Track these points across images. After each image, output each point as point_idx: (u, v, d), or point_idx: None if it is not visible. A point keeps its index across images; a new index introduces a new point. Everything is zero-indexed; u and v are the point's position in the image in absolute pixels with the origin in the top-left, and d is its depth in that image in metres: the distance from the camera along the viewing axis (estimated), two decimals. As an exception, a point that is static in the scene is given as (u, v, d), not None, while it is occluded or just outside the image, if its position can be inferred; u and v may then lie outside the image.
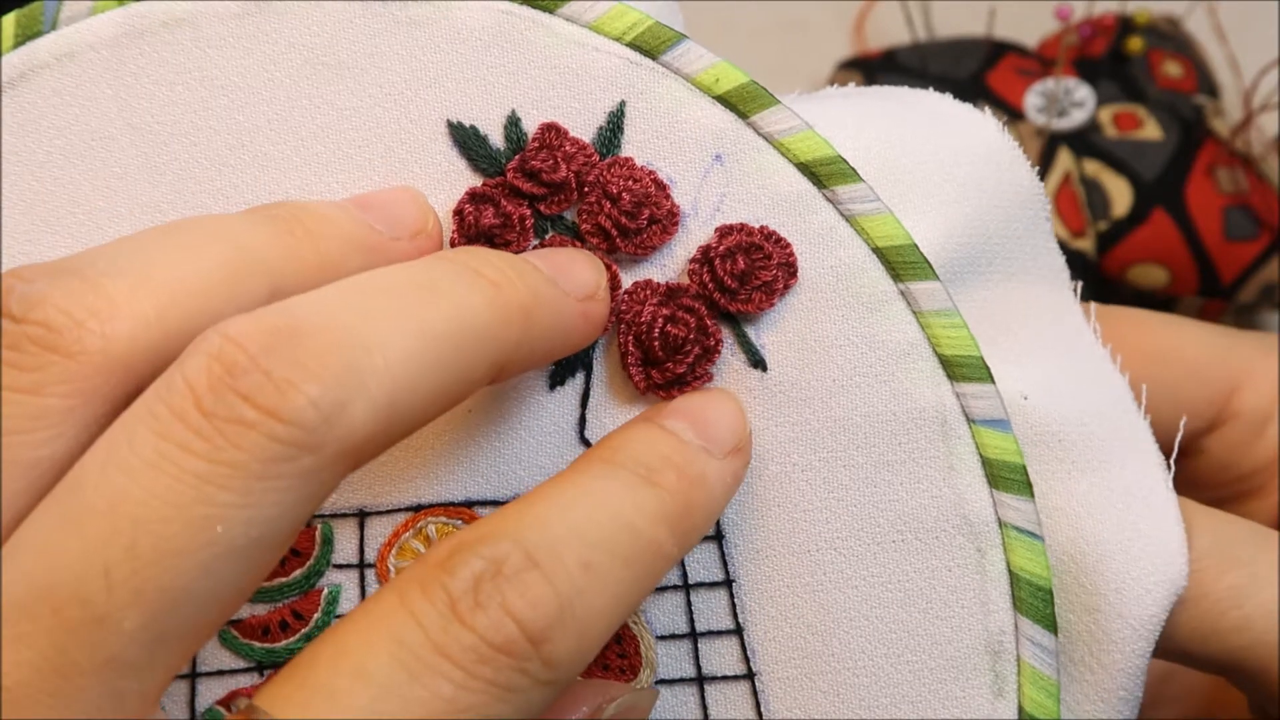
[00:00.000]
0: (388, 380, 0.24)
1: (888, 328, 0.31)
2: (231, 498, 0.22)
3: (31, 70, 0.31)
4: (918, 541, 0.31)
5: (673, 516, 0.27)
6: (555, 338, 0.28)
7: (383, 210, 0.30)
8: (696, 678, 0.32)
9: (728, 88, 0.32)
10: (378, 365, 0.24)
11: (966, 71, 0.66)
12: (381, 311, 0.24)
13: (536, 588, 0.24)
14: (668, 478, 0.27)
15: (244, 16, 0.32)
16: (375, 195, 0.31)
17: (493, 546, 0.24)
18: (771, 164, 0.32)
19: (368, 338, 0.24)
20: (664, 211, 0.32)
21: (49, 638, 0.22)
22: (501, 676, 0.23)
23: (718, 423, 0.30)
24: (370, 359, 0.23)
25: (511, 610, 0.24)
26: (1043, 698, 0.31)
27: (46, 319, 0.24)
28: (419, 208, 0.31)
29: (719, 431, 0.29)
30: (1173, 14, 0.68)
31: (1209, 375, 0.38)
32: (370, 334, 0.24)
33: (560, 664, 0.24)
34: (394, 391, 0.24)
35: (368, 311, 0.24)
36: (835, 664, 0.31)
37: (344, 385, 0.23)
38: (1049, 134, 0.63)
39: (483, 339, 0.26)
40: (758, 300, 0.31)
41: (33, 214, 0.31)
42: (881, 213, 0.32)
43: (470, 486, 0.32)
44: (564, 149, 0.32)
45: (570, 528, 0.25)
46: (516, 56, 0.32)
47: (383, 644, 0.23)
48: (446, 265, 0.27)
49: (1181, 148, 0.65)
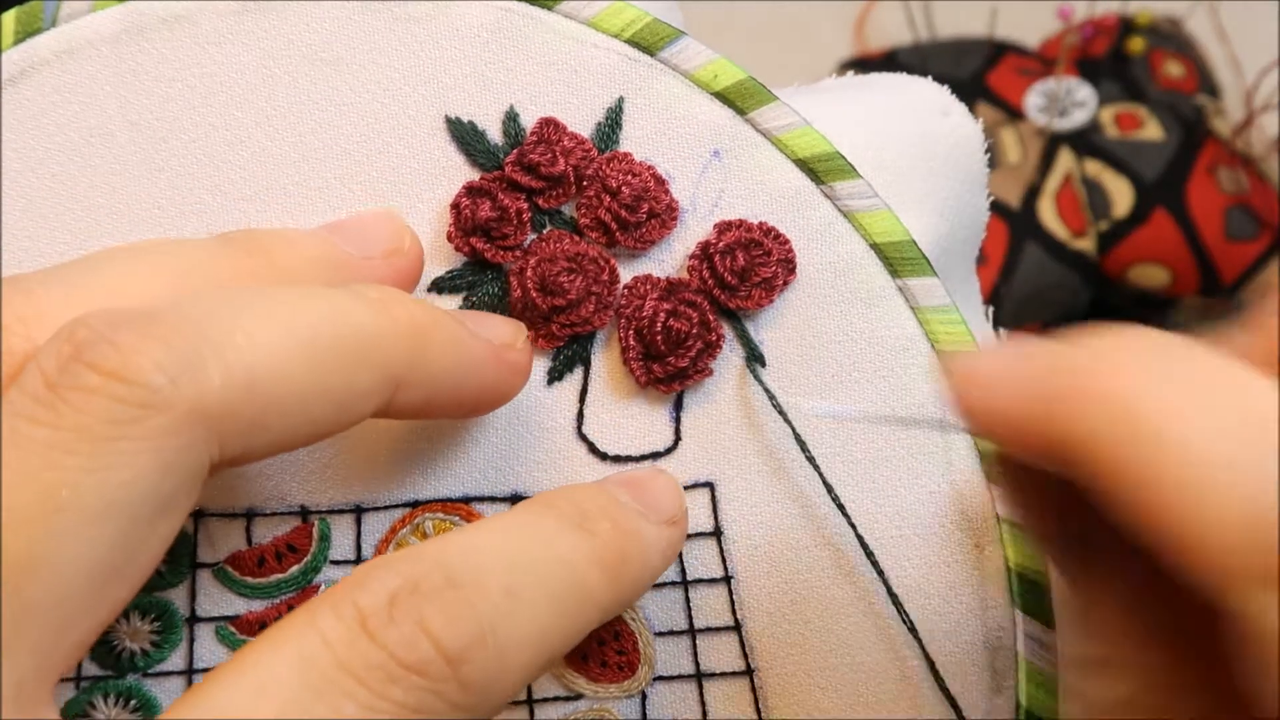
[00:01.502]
0: (247, 355, 0.23)
1: (886, 323, 0.31)
2: (79, 461, 0.22)
3: (32, 67, 0.31)
4: (916, 537, 0.31)
5: (606, 562, 0.26)
6: (460, 369, 0.27)
7: (354, 231, 0.29)
8: (695, 674, 0.32)
9: (726, 84, 0.32)
10: (236, 339, 0.23)
11: (967, 71, 0.66)
12: (251, 304, 0.24)
13: (455, 606, 0.23)
14: (602, 525, 0.26)
15: (243, 13, 0.32)
16: (349, 218, 0.30)
17: (412, 565, 0.23)
18: (769, 160, 0.32)
19: (229, 319, 0.23)
20: (663, 206, 0.32)
21: None
22: (412, 698, 0.22)
23: (655, 492, 0.29)
24: (229, 336, 0.23)
25: (427, 628, 0.23)
26: (1041, 693, 0.31)
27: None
28: (394, 227, 0.30)
29: (656, 500, 0.29)
30: (1174, 14, 0.68)
31: None
32: (233, 317, 0.24)
33: (478, 689, 0.23)
34: (255, 365, 0.23)
35: (236, 303, 0.24)
36: (833, 660, 0.31)
37: (196, 352, 0.23)
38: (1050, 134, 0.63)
39: (363, 340, 0.25)
40: (757, 297, 0.31)
41: (32, 211, 0.31)
42: (879, 209, 0.32)
43: (468, 483, 0.32)
44: (562, 144, 0.32)
45: (497, 554, 0.24)
46: (514, 52, 0.32)
47: (286, 662, 0.22)
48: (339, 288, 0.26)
49: (1182, 148, 0.65)
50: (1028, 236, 0.64)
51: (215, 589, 0.31)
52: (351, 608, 0.23)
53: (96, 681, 0.31)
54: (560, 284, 0.31)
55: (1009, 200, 0.65)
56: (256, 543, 0.31)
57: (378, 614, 0.23)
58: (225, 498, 0.31)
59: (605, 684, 0.31)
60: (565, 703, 0.31)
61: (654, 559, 0.28)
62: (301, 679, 0.22)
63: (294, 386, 0.24)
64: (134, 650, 0.31)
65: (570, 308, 0.31)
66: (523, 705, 0.31)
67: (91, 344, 0.22)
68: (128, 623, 0.31)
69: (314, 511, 0.31)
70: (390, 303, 0.26)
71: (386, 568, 0.23)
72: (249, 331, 0.23)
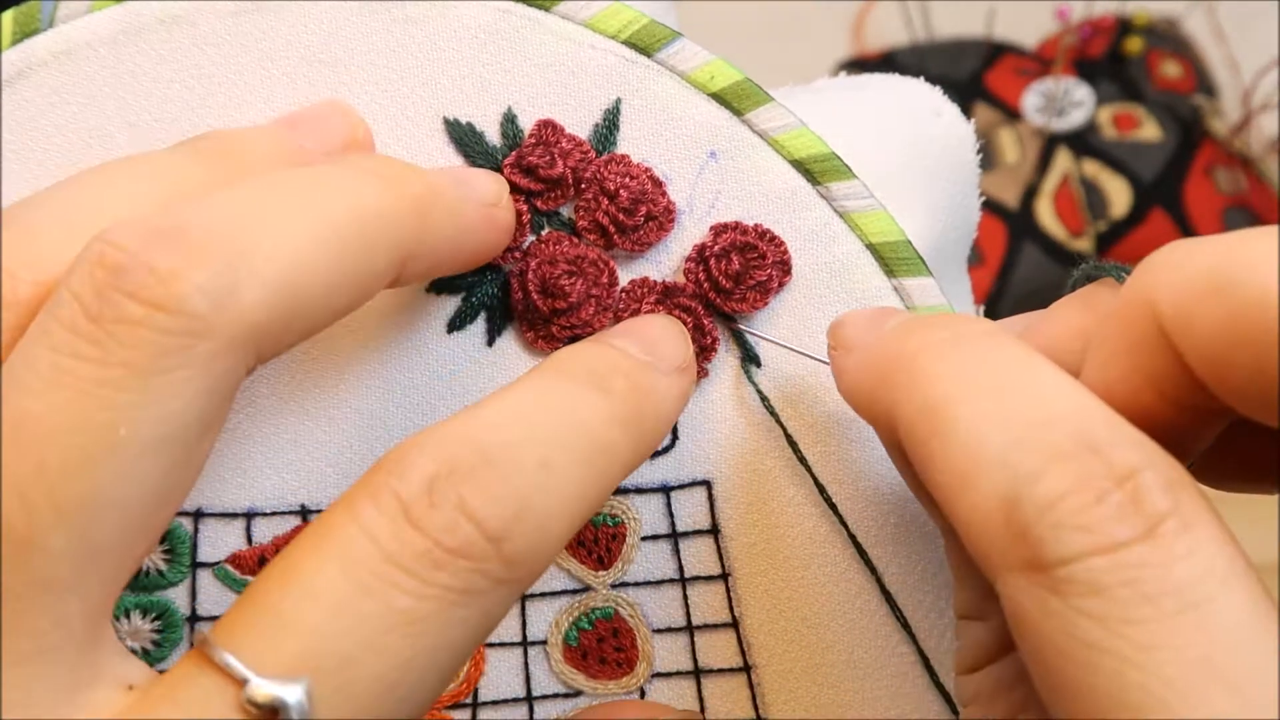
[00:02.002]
0: (280, 261, 0.23)
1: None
2: (131, 397, 0.22)
3: (29, 68, 0.31)
4: (912, 535, 0.31)
5: (626, 419, 0.26)
6: (458, 235, 0.28)
7: (310, 125, 0.30)
8: (694, 671, 0.32)
9: (722, 85, 0.32)
10: (267, 248, 0.23)
11: (965, 72, 0.66)
12: (270, 203, 0.24)
13: (494, 485, 0.23)
14: (618, 383, 0.26)
15: (241, 14, 0.32)
16: (302, 112, 0.31)
17: (445, 448, 0.23)
18: (766, 161, 0.32)
19: (255, 225, 0.23)
20: (660, 208, 0.32)
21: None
22: (459, 580, 0.22)
23: (662, 341, 0.29)
24: (259, 243, 0.23)
25: (468, 509, 0.23)
26: (1037, 691, 0.31)
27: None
28: (346, 118, 0.31)
29: (664, 349, 0.29)
30: (1171, 15, 0.68)
31: None
32: (258, 221, 0.24)
33: (521, 562, 0.23)
34: (288, 273, 0.23)
35: (255, 203, 0.24)
36: (831, 656, 0.31)
37: (233, 268, 0.23)
38: (1048, 134, 0.63)
39: (380, 224, 0.25)
40: (752, 299, 0.31)
41: (32, 212, 0.31)
42: (875, 209, 0.32)
43: None
44: (560, 145, 0.32)
45: (524, 427, 0.24)
46: (512, 54, 0.32)
47: (332, 560, 0.22)
48: (339, 165, 0.26)
49: (1180, 148, 0.65)
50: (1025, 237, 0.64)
51: (215, 589, 0.31)
52: (391, 497, 0.23)
53: (97, 680, 0.31)
54: (561, 287, 0.31)
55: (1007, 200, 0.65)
56: (257, 542, 0.31)
57: (418, 501, 0.23)
58: (225, 497, 0.31)
59: (604, 681, 0.32)
60: (564, 700, 0.32)
61: (667, 409, 0.28)
62: (349, 577, 0.22)
63: (323, 283, 0.24)
64: (135, 649, 0.31)
65: (571, 310, 0.31)
66: (522, 703, 0.32)
67: (126, 269, 0.22)
68: (128, 622, 0.31)
69: (314, 511, 0.32)
70: (396, 178, 0.26)
71: (420, 451, 0.23)
72: (273, 234, 0.24)
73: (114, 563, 0.23)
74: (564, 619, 0.32)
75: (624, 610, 0.32)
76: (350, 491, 0.23)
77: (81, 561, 0.22)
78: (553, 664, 0.32)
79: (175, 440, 0.23)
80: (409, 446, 0.24)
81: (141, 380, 0.22)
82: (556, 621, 0.32)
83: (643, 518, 0.32)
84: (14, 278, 0.24)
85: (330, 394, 0.31)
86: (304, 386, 0.31)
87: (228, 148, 0.28)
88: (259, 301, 0.23)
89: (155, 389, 0.22)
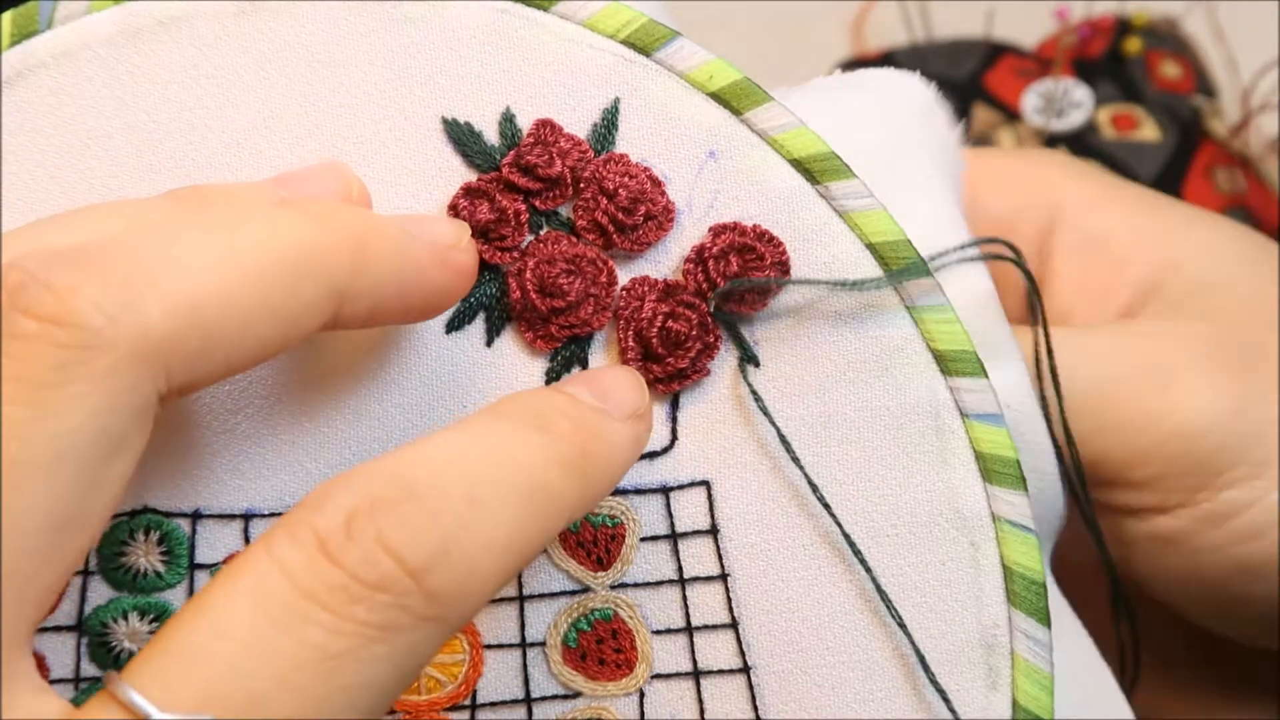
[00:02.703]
0: (186, 281, 0.23)
1: (881, 322, 0.31)
2: (24, 412, 0.21)
3: (28, 69, 0.31)
4: (911, 535, 0.31)
5: (567, 460, 0.25)
6: (403, 276, 0.27)
7: (302, 184, 0.29)
8: (692, 672, 0.32)
9: (721, 84, 0.32)
10: (172, 271, 0.23)
11: (965, 72, 0.66)
12: (186, 233, 0.24)
13: (415, 519, 0.22)
14: (561, 425, 0.26)
15: (239, 15, 0.32)
16: (295, 171, 0.30)
17: (368, 483, 0.23)
18: (765, 160, 0.32)
19: (164, 249, 0.23)
20: (659, 208, 0.32)
21: None
22: (376, 615, 0.22)
23: (616, 388, 0.28)
24: (164, 265, 0.23)
25: (387, 543, 0.22)
26: (1037, 691, 0.31)
27: None
28: (341, 178, 0.30)
29: (617, 396, 0.28)
30: (1171, 15, 0.68)
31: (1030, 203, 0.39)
32: (168, 247, 0.23)
33: (445, 598, 0.22)
34: (194, 293, 0.23)
35: (171, 234, 0.24)
36: (830, 657, 0.31)
37: (131, 285, 0.22)
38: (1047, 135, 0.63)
39: (305, 255, 0.25)
40: (751, 301, 0.32)
41: (29, 213, 0.31)
42: (875, 208, 0.32)
43: None
44: (559, 145, 0.32)
45: (455, 463, 0.24)
46: (511, 54, 0.32)
47: (245, 596, 0.22)
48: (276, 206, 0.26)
49: (1179, 149, 0.65)
50: (1025, 237, 0.64)
51: (213, 589, 0.31)
52: (308, 531, 0.22)
53: (95, 682, 0.31)
54: (559, 286, 0.31)
55: (1006, 201, 0.65)
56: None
57: (335, 535, 0.22)
58: (223, 499, 0.31)
59: (603, 682, 0.32)
60: (563, 701, 0.32)
61: (618, 454, 0.27)
62: (261, 612, 0.21)
63: (237, 309, 0.23)
64: (132, 651, 0.31)
65: (569, 309, 0.31)
66: (521, 704, 0.32)
67: (24, 287, 0.22)
68: (126, 623, 0.31)
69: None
70: (328, 213, 0.26)
71: (343, 486, 0.23)
72: (184, 258, 0.23)
73: (15, 585, 0.22)
74: (563, 620, 0.32)
75: (623, 611, 0.32)
76: (269, 530, 0.23)
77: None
78: (551, 665, 0.32)
79: (74, 458, 0.22)
80: (331, 483, 0.23)
81: (34, 393, 0.21)
82: (555, 623, 0.32)
83: (642, 518, 0.32)
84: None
85: (328, 395, 0.31)
86: (301, 388, 0.31)
87: (206, 197, 0.27)
88: (160, 319, 0.22)
89: (49, 403, 0.21)
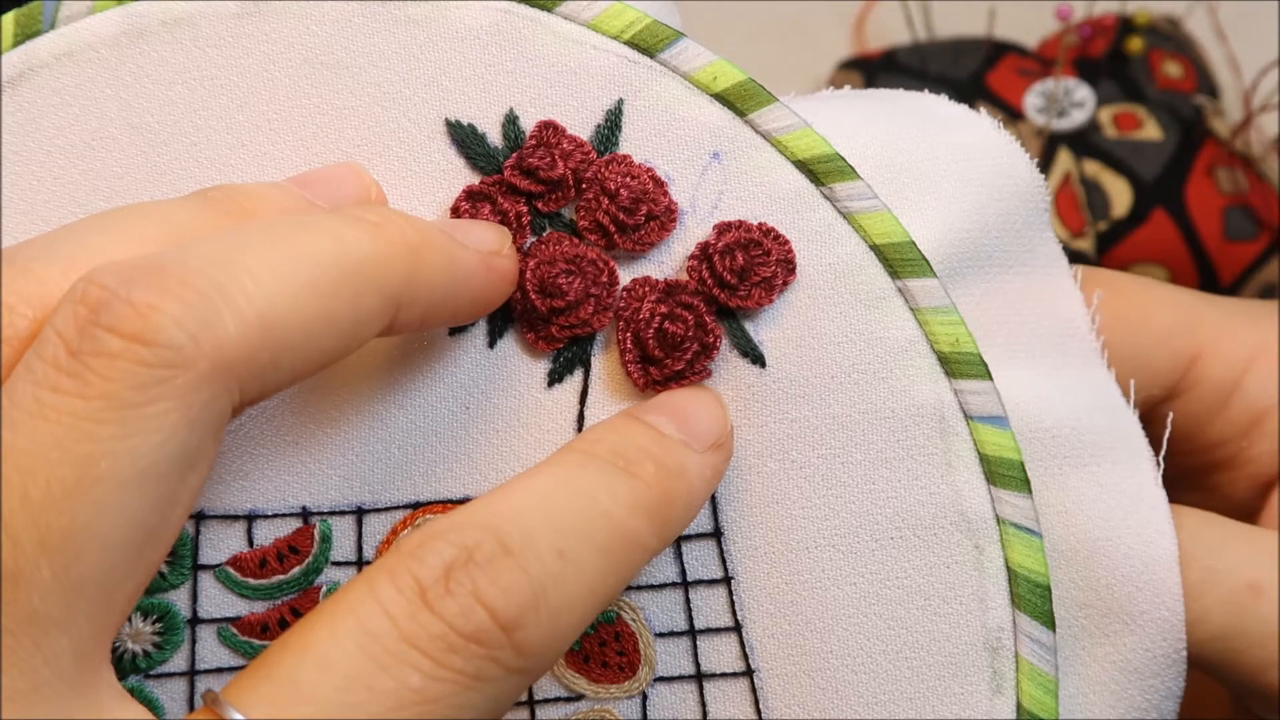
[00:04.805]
0: (259, 297, 0.23)
1: (886, 324, 0.31)
2: (111, 430, 0.22)
3: (31, 70, 0.31)
4: (915, 538, 0.31)
5: (650, 506, 0.27)
6: (453, 282, 0.28)
7: (322, 185, 0.30)
8: (695, 675, 0.32)
9: (725, 85, 0.32)
10: (246, 285, 0.23)
11: (966, 72, 0.66)
12: (254, 244, 0.24)
13: (509, 574, 0.24)
14: (645, 468, 0.27)
15: (243, 16, 0.32)
16: (314, 172, 0.31)
17: (464, 534, 0.24)
18: (769, 161, 0.32)
19: (236, 263, 0.24)
20: (662, 208, 0.32)
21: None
22: (471, 666, 0.23)
23: (699, 418, 0.29)
24: (238, 280, 0.23)
25: (483, 597, 0.23)
26: (1041, 694, 0.31)
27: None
28: (359, 180, 0.31)
29: (700, 427, 0.29)
30: (1173, 14, 0.68)
31: (1172, 341, 0.37)
32: (239, 260, 0.24)
33: (533, 652, 0.24)
34: (267, 309, 0.24)
35: (239, 245, 0.24)
36: (834, 661, 0.31)
37: (210, 302, 0.23)
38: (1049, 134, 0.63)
39: (366, 267, 0.25)
40: (757, 296, 0.31)
41: (32, 214, 0.31)
42: (879, 210, 0.32)
43: (468, 484, 0.32)
44: (561, 146, 0.32)
45: (544, 515, 0.25)
46: (514, 55, 0.32)
47: (350, 634, 0.23)
48: (331, 213, 0.27)
49: (1181, 148, 0.65)
50: (1027, 237, 0.64)
51: (217, 591, 0.31)
52: (409, 579, 0.24)
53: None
54: (559, 286, 0.31)
55: (1008, 200, 0.65)
56: (258, 544, 0.31)
57: (435, 585, 0.23)
58: (227, 499, 0.31)
59: (606, 684, 0.32)
60: (566, 703, 0.32)
61: (698, 492, 0.28)
62: (365, 651, 0.23)
63: (304, 322, 0.24)
64: (136, 652, 0.31)
65: (569, 309, 0.31)
66: (524, 706, 0.32)
67: (107, 304, 0.23)
68: (130, 624, 0.31)
69: (315, 513, 0.31)
70: (385, 224, 0.26)
71: (440, 538, 0.24)
72: (255, 272, 0.24)
73: (102, 599, 0.23)
74: (566, 622, 0.32)
75: (626, 614, 0.32)
76: (369, 570, 0.24)
77: (68, 597, 0.22)
78: (554, 668, 0.32)
79: (156, 475, 0.23)
80: (432, 533, 0.24)
81: (120, 412, 0.22)
82: (559, 624, 0.32)
83: (645, 520, 0.32)
84: (13, 312, 0.24)
85: (331, 396, 0.31)
86: (305, 389, 0.31)
87: (236, 198, 0.28)
88: (236, 335, 0.23)
89: (134, 421, 0.22)
